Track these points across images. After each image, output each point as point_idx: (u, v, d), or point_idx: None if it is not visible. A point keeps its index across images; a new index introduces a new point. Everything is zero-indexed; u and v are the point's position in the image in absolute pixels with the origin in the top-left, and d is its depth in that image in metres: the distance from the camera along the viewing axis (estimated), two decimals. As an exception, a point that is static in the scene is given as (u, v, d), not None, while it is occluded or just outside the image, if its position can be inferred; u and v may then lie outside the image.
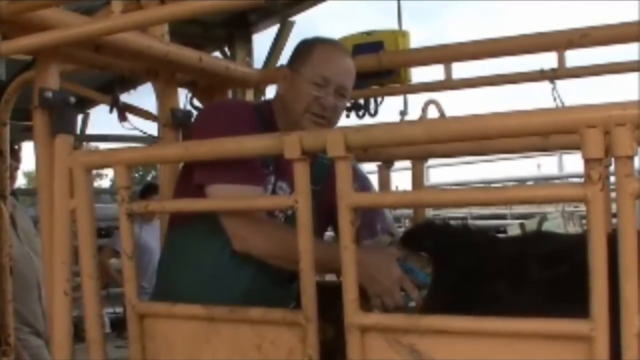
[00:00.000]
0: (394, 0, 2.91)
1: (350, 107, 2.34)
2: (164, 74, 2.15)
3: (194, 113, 2.26)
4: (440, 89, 2.28)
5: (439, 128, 1.27)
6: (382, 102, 2.42)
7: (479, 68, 2.28)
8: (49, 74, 1.72)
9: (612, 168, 1.08)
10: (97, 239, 1.64)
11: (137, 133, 2.25)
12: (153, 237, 3.88)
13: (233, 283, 1.70)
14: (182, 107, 2.24)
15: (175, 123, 2.17)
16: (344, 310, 1.26)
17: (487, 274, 1.40)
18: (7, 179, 2.72)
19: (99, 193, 8.62)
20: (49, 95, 1.70)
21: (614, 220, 1.08)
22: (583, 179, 1.07)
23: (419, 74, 2.39)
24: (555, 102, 2.10)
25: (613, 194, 1.07)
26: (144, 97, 2.79)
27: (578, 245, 1.13)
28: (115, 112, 2.13)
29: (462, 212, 9.48)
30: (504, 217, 9.19)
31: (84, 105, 6.29)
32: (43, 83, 1.71)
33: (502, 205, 8.70)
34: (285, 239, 1.51)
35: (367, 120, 2.38)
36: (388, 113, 2.44)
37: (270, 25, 5.35)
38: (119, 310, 5.73)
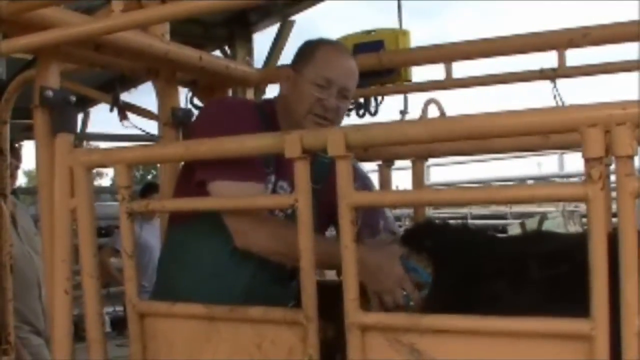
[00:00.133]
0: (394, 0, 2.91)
1: (351, 106, 2.34)
2: (165, 73, 2.15)
3: (195, 112, 2.26)
4: (441, 88, 2.27)
5: (440, 127, 1.27)
6: (382, 101, 2.42)
7: (480, 67, 2.28)
8: (50, 73, 1.72)
9: (612, 167, 1.08)
10: (97, 238, 1.64)
11: (137, 132, 2.26)
12: (153, 236, 3.88)
13: (233, 281, 1.70)
14: (182, 106, 2.24)
15: (176, 122, 2.16)
16: (345, 310, 1.26)
17: (487, 274, 1.40)
18: (7, 178, 2.71)
19: (100, 192, 8.61)
20: (50, 94, 1.70)
21: (614, 220, 1.08)
22: (583, 178, 1.07)
23: (420, 73, 2.40)
24: (556, 101, 2.10)
25: (613, 194, 1.07)
26: (145, 96, 2.80)
27: (578, 245, 1.13)
28: (116, 111, 2.13)
29: (462, 211, 9.49)
30: (504, 216, 9.19)
31: (85, 104, 6.31)
32: (43, 82, 1.71)
33: (502, 205, 8.69)
34: (287, 235, 1.50)
35: (367, 120, 2.39)
36: (388, 112, 2.45)
37: (271, 25, 5.36)
38: (119, 309, 5.74)
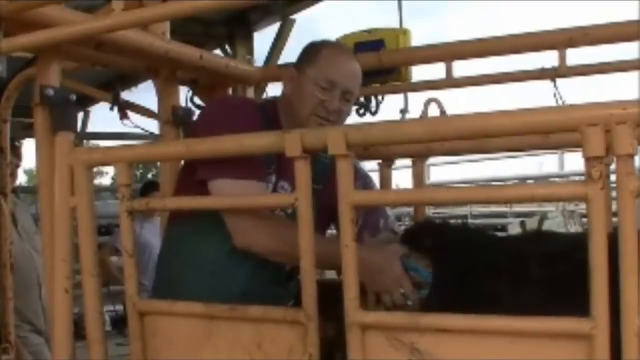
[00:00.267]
0: (395, -1, 2.90)
1: (351, 105, 2.33)
2: (165, 72, 2.15)
3: (195, 111, 2.26)
4: (441, 87, 2.27)
5: (440, 126, 1.27)
6: (382, 100, 2.42)
7: (480, 66, 2.28)
8: (50, 72, 1.72)
9: (612, 167, 1.08)
10: (97, 237, 1.64)
11: (138, 131, 2.26)
12: (154, 234, 3.88)
13: (230, 280, 1.69)
14: (182, 104, 2.24)
15: (176, 121, 2.16)
16: (345, 309, 1.26)
17: (487, 273, 1.40)
18: (7, 177, 2.71)
19: (100, 190, 8.60)
20: (50, 93, 1.70)
21: (615, 219, 1.08)
22: (584, 178, 1.07)
23: (420, 72, 2.39)
24: (556, 100, 2.10)
25: (613, 193, 1.07)
26: (145, 94, 2.80)
27: (578, 245, 1.13)
28: (116, 109, 2.13)
29: (462, 210, 9.49)
30: (505, 215, 9.19)
31: (85, 103, 6.31)
32: (44, 80, 1.71)
33: (502, 204, 8.68)
34: (287, 235, 1.50)
35: (368, 119, 2.38)
36: (389, 111, 2.44)
37: (271, 24, 5.36)
38: (120, 308, 5.74)
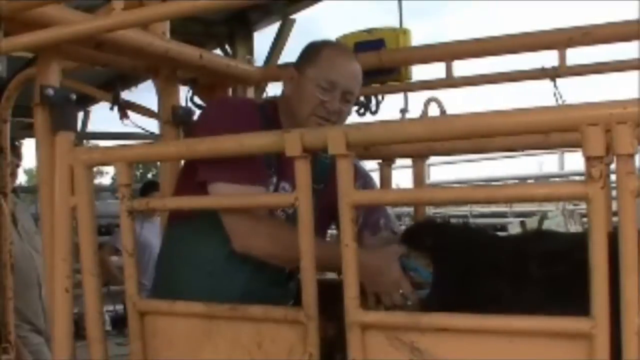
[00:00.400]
0: (395, -1, 2.90)
1: (352, 105, 2.33)
2: (165, 71, 2.15)
3: (195, 110, 2.26)
4: (441, 87, 2.27)
5: (440, 126, 1.27)
6: (383, 100, 2.42)
7: (480, 66, 2.28)
8: (50, 71, 1.72)
9: (613, 166, 1.08)
10: (97, 236, 1.64)
11: (138, 130, 2.26)
12: (154, 234, 3.88)
13: (229, 282, 1.69)
14: (183, 104, 2.24)
15: (176, 120, 2.16)
16: (345, 308, 1.26)
17: (487, 273, 1.40)
18: (8, 176, 2.71)
19: (100, 190, 8.60)
20: (50, 93, 1.69)
21: (615, 219, 1.08)
22: (584, 177, 1.07)
23: (420, 72, 2.39)
24: (556, 100, 2.09)
25: (614, 192, 1.07)
26: (145, 94, 2.80)
27: (578, 244, 1.13)
28: (116, 109, 2.13)
29: (462, 210, 9.49)
30: (505, 215, 9.19)
31: (85, 103, 6.32)
32: (44, 80, 1.71)
33: (502, 204, 8.69)
34: (286, 238, 1.50)
35: (368, 118, 2.38)
36: (389, 111, 2.44)
37: (271, 23, 5.36)
38: (120, 308, 5.74)
